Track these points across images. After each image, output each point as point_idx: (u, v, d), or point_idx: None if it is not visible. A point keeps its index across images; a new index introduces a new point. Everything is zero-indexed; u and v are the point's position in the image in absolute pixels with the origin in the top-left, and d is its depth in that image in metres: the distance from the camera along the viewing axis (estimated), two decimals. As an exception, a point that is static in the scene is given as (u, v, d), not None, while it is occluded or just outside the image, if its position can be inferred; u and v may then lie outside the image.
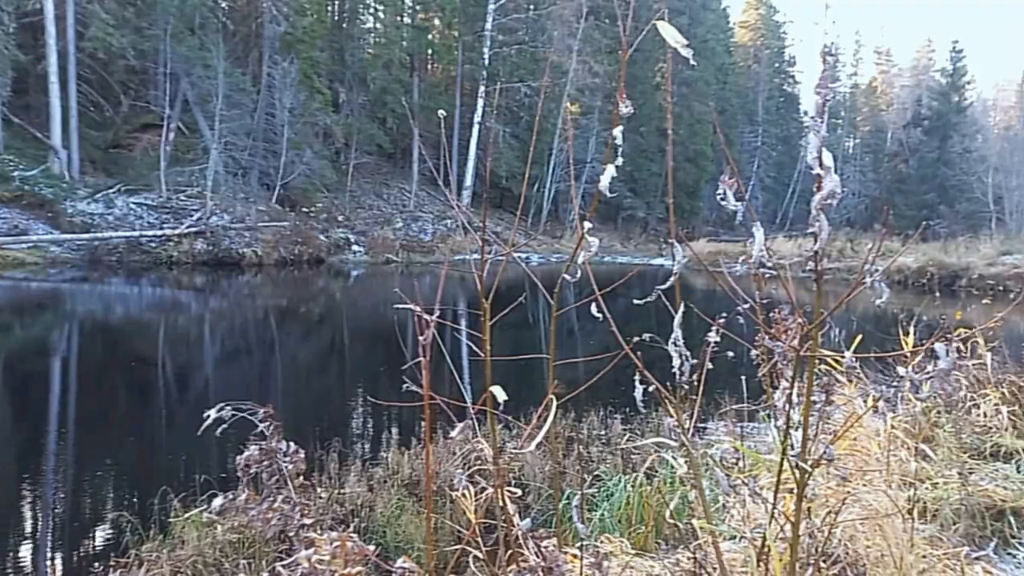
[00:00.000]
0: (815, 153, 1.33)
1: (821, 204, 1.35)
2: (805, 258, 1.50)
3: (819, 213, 1.37)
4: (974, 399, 5.65)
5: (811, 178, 6.04)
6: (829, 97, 1.32)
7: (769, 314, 2.01)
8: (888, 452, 3.67)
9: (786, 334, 1.79)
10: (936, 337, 1.65)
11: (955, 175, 52.68)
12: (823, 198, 1.36)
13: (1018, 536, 3.76)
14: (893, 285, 29.50)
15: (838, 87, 1.56)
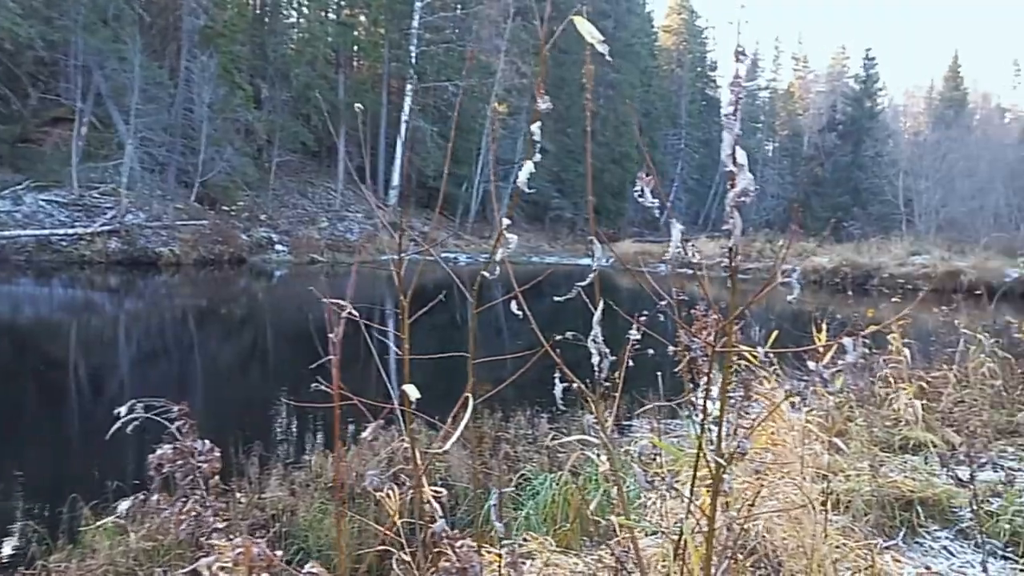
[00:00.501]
0: (728, 150, 1.34)
1: (735, 201, 1.36)
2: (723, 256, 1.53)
3: (733, 210, 1.38)
4: (887, 394, 5.87)
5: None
6: (742, 95, 1.34)
7: (688, 312, 2.03)
8: (803, 446, 3.77)
9: (704, 331, 1.81)
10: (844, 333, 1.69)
11: (868, 178, 54.79)
12: (736, 195, 1.38)
13: (925, 525, 3.92)
14: (809, 284, 30.52)
15: (750, 86, 1.62)
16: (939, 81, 65.18)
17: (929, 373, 6.16)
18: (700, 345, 1.64)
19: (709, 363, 1.63)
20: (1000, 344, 7.12)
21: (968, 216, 42.32)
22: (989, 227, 39.20)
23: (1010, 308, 21.88)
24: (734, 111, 1.33)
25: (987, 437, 5.70)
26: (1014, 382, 6.68)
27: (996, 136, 57.65)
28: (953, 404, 5.92)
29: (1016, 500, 4.13)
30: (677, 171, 57.61)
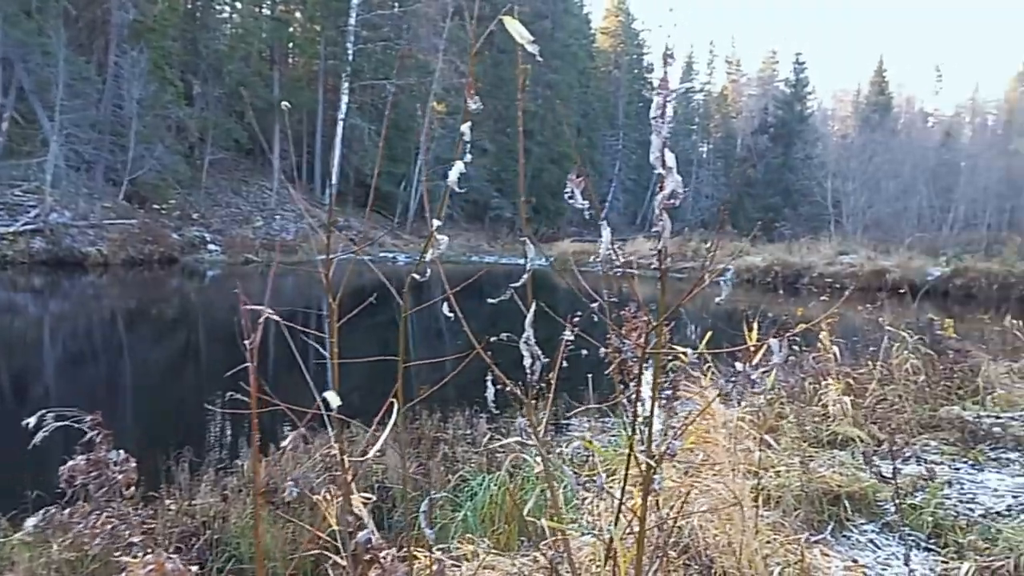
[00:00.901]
0: (657, 153, 1.35)
1: (664, 204, 1.36)
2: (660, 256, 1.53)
3: (662, 212, 1.39)
4: (816, 390, 6.02)
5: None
6: (670, 99, 1.34)
7: (620, 312, 2.04)
8: (735, 443, 3.84)
9: (634, 332, 1.82)
10: (773, 333, 1.72)
11: (798, 180, 56.23)
12: (665, 197, 1.38)
13: (852, 519, 4.03)
14: (743, 283, 31.18)
15: (680, 88, 1.62)
16: (865, 85, 67.34)
17: (856, 370, 6.34)
18: (630, 347, 1.64)
19: (639, 364, 1.63)
20: (923, 341, 7.38)
21: (893, 217, 43.82)
22: (913, 227, 40.68)
23: (932, 306, 22.73)
24: (662, 114, 1.33)
25: (911, 432, 5.89)
26: (936, 378, 6.93)
27: (919, 139, 59.83)
28: (878, 400, 6.11)
29: (939, 493, 4.28)
30: (615, 171, 58.22)
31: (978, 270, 26.30)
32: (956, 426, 5.82)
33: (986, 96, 71.27)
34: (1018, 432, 5.68)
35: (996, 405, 6.65)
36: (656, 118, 1.34)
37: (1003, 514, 4.06)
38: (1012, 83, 65.97)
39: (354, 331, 1.82)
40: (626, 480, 1.62)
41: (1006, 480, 4.73)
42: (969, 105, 70.83)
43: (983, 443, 5.54)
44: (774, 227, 47.10)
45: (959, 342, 8.02)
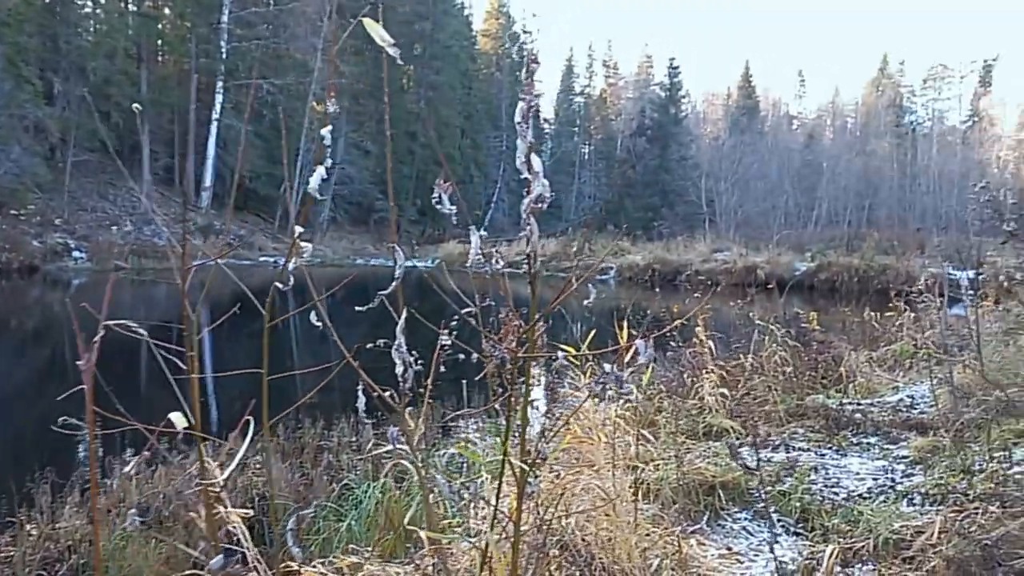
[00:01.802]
0: (523, 158, 1.34)
1: (531, 208, 1.36)
2: (547, 258, 1.53)
3: (529, 217, 1.38)
4: (693, 383, 6.23)
5: (551, 182, 6.23)
6: (533, 103, 1.34)
7: (495, 316, 2.03)
8: (614, 440, 3.92)
9: (508, 336, 1.81)
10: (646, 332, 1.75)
11: (674, 180, 58.17)
12: (532, 201, 1.38)
13: (727, 508, 4.18)
14: (625, 281, 32.01)
15: (540, 94, 1.62)
16: (734, 89, 70.39)
17: (729, 363, 6.59)
18: (502, 351, 1.63)
19: (512, 369, 1.63)
20: (790, 333, 7.77)
21: (762, 215, 45.97)
22: (780, 225, 42.76)
23: (800, 299, 23.98)
24: (524, 119, 1.32)
25: (780, 421, 6.18)
26: (803, 368, 7.31)
27: (785, 141, 62.99)
28: (749, 391, 6.38)
29: (806, 479, 4.50)
30: (500, 172, 58.62)
31: (840, 265, 27.92)
32: (821, 414, 6.14)
33: (845, 100, 75.84)
34: (877, 418, 6.05)
35: (857, 393, 7.06)
36: (520, 123, 1.34)
37: (864, 496, 4.30)
38: (868, 87, 70.47)
39: (238, 338, 1.74)
40: (501, 485, 1.61)
41: (867, 464, 5.03)
42: (830, 108, 75.16)
43: (846, 429, 5.87)
44: (653, 226, 48.59)
45: (823, 334, 8.49)
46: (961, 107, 64.74)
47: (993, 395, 4.69)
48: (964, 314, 10.30)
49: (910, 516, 3.59)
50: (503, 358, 1.67)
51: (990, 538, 2.99)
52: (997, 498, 3.29)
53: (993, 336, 7.17)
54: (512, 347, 1.64)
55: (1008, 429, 4.44)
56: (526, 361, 1.59)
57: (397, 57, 1.41)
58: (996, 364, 6.04)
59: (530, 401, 1.61)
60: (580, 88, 68.83)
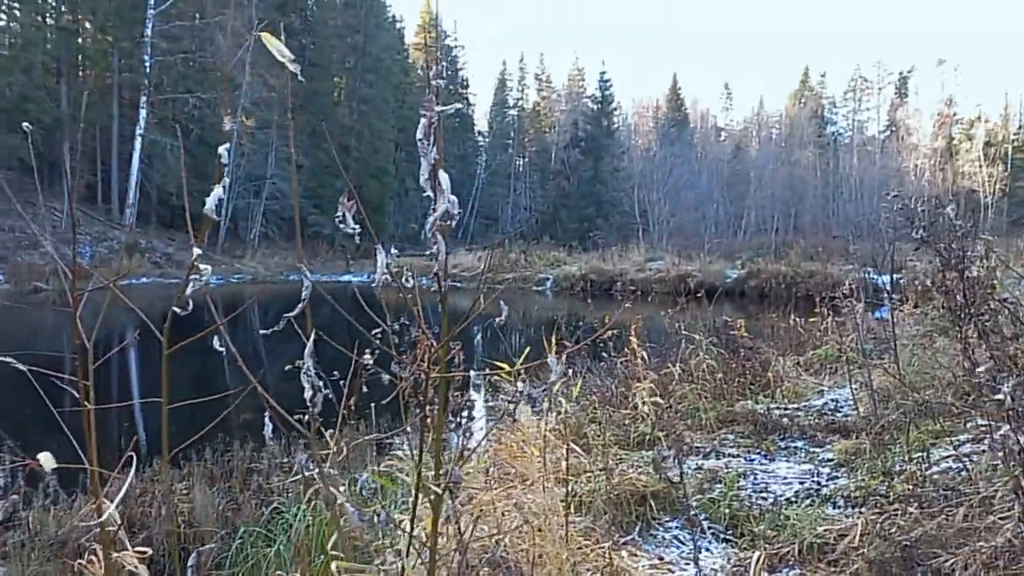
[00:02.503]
0: (426, 175, 1.31)
1: (438, 225, 1.33)
2: (480, 272, 1.50)
3: (435, 234, 1.35)
4: (626, 393, 6.27)
5: (487, 195, 6.31)
6: (434, 119, 1.31)
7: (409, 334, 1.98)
8: (544, 453, 3.90)
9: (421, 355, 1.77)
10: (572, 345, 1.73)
11: (608, 191, 58.91)
12: (438, 219, 1.34)
13: (658, 517, 4.20)
14: (563, 291, 32.21)
15: (447, 109, 1.57)
16: (664, 101, 71.72)
17: (660, 371, 6.65)
18: (412, 371, 1.59)
19: (425, 389, 1.59)
20: (719, 340, 7.89)
21: (694, 224, 46.83)
22: (711, 234, 43.65)
23: (732, 306, 24.49)
24: (426, 136, 1.29)
25: (710, 427, 6.27)
26: (732, 375, 7.42)
27: (713, 152, 64.47)
28: (680, 399, 6.45)
29: (735, 485, 4.55)
30: (434, 186, 58.43)
31: (769, 271, 28.63)
32: (750, 419, 6.24)
33: (770, 111, 77.95)
34: (803, 422, 6.17)
35: (785, 397, 7.21)
36: (422, 140, 1.31)
37: (791, 500, 4.37)
38: (791, 99, 72.58)
39: (172, 359, 1.66)
40: (415, 510, 1.57)
41: (794, 468, 5.12)
42: (755, 120, 77.16)
43: (774, 434, 5.98)
44: (588, 236, 49.05)
45: (751, 340, 8.65)
46: (879, 118, 67.25)
47: (910, 398, 4.83)
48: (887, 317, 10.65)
49: (834, 519, 3.66)
50: (416, 378, 1.63)
51: (909, 539, 3.06)
52: (915, 499, 3.37)
53: (911, 339, 7.40)
54: (424, 367, 1.61)
55: (926, 430, 4.58)
56: (440, 381, 1.55)
57: (298, 73, 1.36)
58: (914, 367, 6.23)
59: (458, 420, 1.57)
60: (513, 101, 69.24)
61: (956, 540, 2.95)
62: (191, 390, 5.35)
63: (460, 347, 1.78)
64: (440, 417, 1.52)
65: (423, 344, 1.77)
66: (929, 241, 3.76)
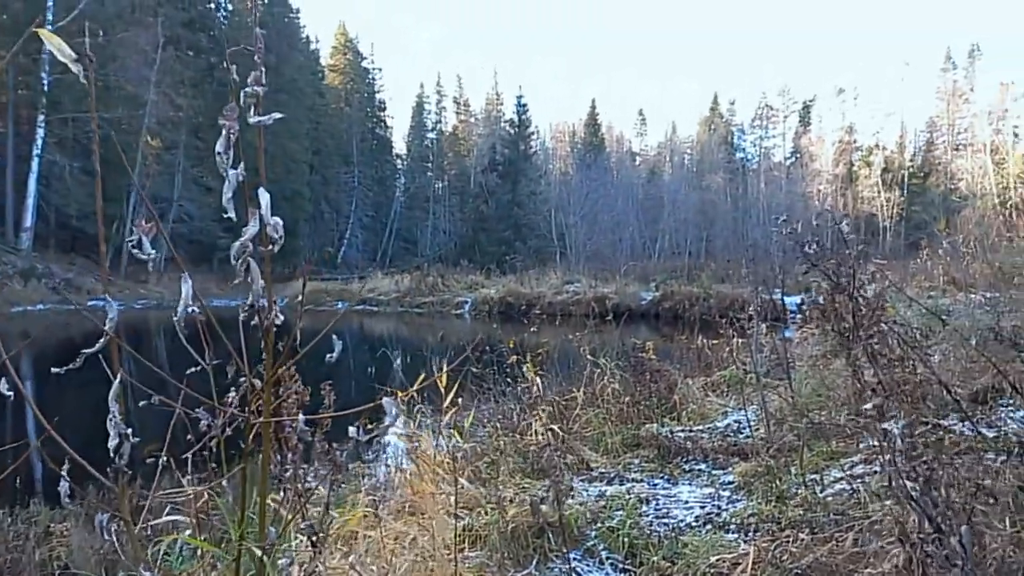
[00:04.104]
0: (229, 194, 1.14)
1: (242, 249, 1.16)
2: (402, 293, 1.34)
3: (244, 260, 1.18)
4: (525, 420, 6.14)
5: (405, 218, 6.06)
6: (234, 133, 1.15)
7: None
8: (436, 488, 3.74)
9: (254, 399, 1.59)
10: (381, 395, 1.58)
11: (526, 215, 59.30)
12: (246, 241, 1.18)
13: (556, 549, 4.07)
14: (481, 315, 32.08)
15: (263, 120, 1.48)
16: (580, 127, 72.88)
17: (564, 396, 6.56)
18: (215, 420, 1.42)
19: (254, 434, 1.41)
20: (627, 363, 7.86)
21: (610, 247, 47.49)
22: (627, 257, 44.33)
23: (647, 327, 24.81)
24: (225, 150, 1.13)
25: (616, 452, 6.19)
26: (638, 398, 7.39)
27: (629, 176, 65.65)
28: (585, 423, 6.36)
29: (634, 513, 4.46)
30: (352, 209, 57.79)
31: (682, 293, 29.16)
32: (655, 443, 6.19)
33: (682, 136, 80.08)
34: (706, 444, 6.15)
35: (690, 420, 7.20)
36: (221, 154, 1.14)
37: (691, 526, 4.30)
38: (702, 125, 74.79)
39: (65, 390, 1.42)
40: (238, 572, 1.38)
41: (696, 492, 5.07)
42: (668, 145, 79.11)
43: (678, 457, 5.94)
44: (506, 260, 49.17)
45: (659, 362, 8.67)
46: (785, 144, 69.82)
47: (803, 420, 4.85)
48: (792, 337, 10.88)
49: (730, 546, 3.59)
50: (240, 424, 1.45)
51: (800, 566, 3.00)
52: (807, 524, 3.33)
53: (810, 360, 7.52)
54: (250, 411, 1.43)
55: (819, 452, 4.59)
56: (263, 428, 1.37)
57: (80, 75, 1.18)
58: (810, 388, 6.31)
59: (271, 472, 1.39)
60: (432, 124, 69.20)
61: (846, 566, 2.91)
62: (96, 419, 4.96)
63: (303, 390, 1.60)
64: (264, 469, 1.34)
65: (250, 387, 1.59)
66: (818, 264, 3.76)
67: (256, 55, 1.26)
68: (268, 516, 1.43)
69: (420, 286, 38.88)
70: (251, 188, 1.53)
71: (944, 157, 58.41)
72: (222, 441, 1.45)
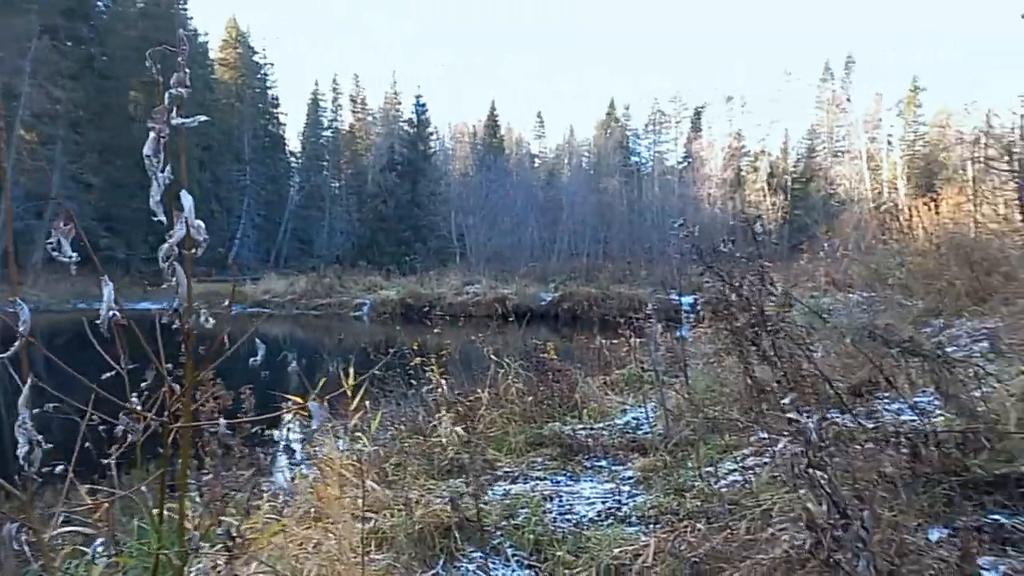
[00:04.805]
0: (157, 196, 1.14)
1: (169, 252, 1.16)
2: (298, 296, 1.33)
3: (171, 264, 1.18)
4: (430, 422, 6.16)
5: (300, 217, 5.97)
6: (164, 135, 1.14)
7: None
8: (342, 491, 3.72)
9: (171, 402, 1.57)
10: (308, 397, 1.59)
11: (426, 215, 59.02)
12: (174, 244, 1.17)
13: (463, 548, 4.11)
14: (380, 316, 31.75)
15: (189, 122, 1.45)
16: (480, 128, 73.10)
17: (468, 397, 6.62)
18: (132, 423, 1.40)
19: (170, 439, 1.40)
20: (529, 363, 7.99)
21: (510, 248, 47.86)
22: (527, 258, 44.78)
23: (547, 328, 25.14)
24: (155, 152, 1.13)
25: (520, 451, 6.29)
26: (541, 397, 7.52)
27: (528, 178, 66.30)
28: (488, 424, 6.43)
29: (539, 510, 4.56)
30: (244, 208, 56.12)
31: (581, 294, 29.73)
32: (558, 441, 6.32)
33: (580, 140, 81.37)
34: (607, 441, 6.33)
35: (591, 418, 7.38)
36: (150, 156, 1.14)
37: (594, 520, 4.43)
38: (599, 129, 76.24)
39: None
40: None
41: (597, 488, 5.21)
42: (566, 148, 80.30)
43: (580, 454, 6.08)
44: (406, 261, 48.84)
45: (561, 362, 8.84)
46: (678, 149, 72.04)
47: (699, 415, 5.07)
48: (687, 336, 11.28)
49: (631, 539, 3.72)
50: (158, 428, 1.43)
51: (698, 555, 3.15)
52: (703, 515, 3.50)
53: (704, 358, 7.83)
54: (167, 415, 1.42)
55: (714, 445, 4.81)
56: (181, 433, 1.37)
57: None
58: (704, 384, 6.58)
59: (188, 477, 1.38)
60: (327, 122, 67.91)
61: (740, 553, 3.07)
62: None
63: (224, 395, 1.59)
64: (184, 475, 1.33)
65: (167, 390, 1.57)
66: (712, 266, 3.94)
67: (180, 56, 1.25)
68: (172, 522, 1.43)
69: (317, 288, 38.18)
70: (136, 185, 1.47)
71: (824, 163, 61.56)
72: (140, 447, 1.43)
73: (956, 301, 8.02)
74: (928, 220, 14.21)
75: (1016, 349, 5.12)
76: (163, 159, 1.18)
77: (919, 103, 59.21)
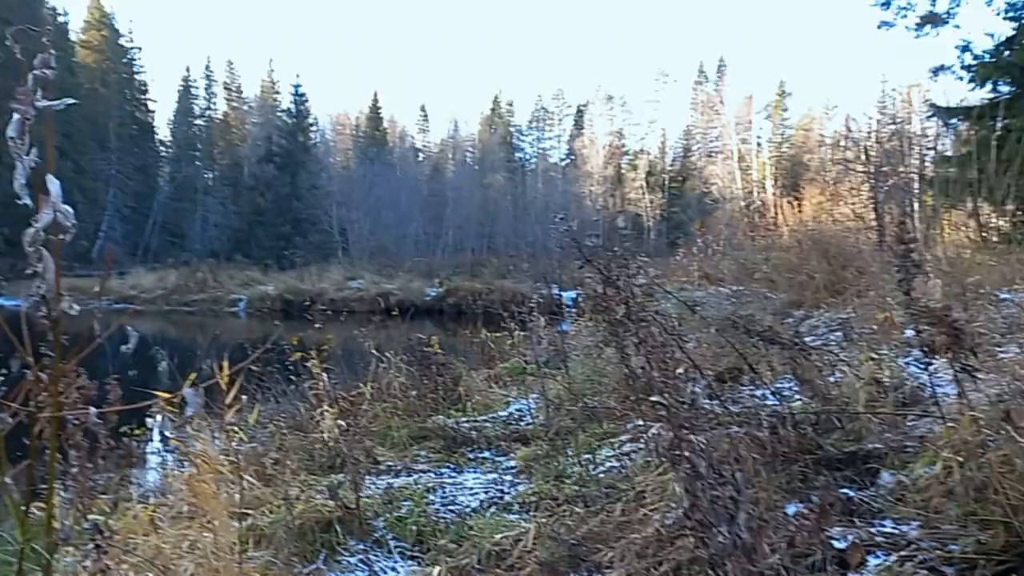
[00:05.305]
0: (22, 180, 1.11)
1: (35, 238, 1.12)
2: (168, 291, 1.29)
3: (38, 250, 1.15)
4: (312, 416, 6.08)
5: (171, 209, 5.76)
6: (29, 116, 1.11)
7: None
8: (220, 489, 3.63)
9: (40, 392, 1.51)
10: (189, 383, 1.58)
11: (306, 208, 57.69)
12: (40, 229, 1.14)
13: (344, 542, 4.09)
14: (257, 313, 30.86)
15: (56, 105, 1.39)
16: (363, 120, 72.00)
17: (351, 392, 6.57)
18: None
19: (48, 430, 1.35)
20: (413, 358, 8.00)
21: (394, 243, 47.52)
22: (412, 252, 44.54)
23: (432, 323, 25.12)
24: (20, 135, 1.10)
25: (403, 444, 6.30)
26: (425, 391, 7.55)
27: (412, 172, 65.92)
28: (372, 418, 6.41)
29: (422, 501, 4.59)
30: (110, 198, 53.25)
31: (466, 289, 29.83)
32: (441, 434, 6.36)
33: (464, 135, 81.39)
34: (490, 433, 6.42)
35: (475, 410, 7.46)
36: (14, 139, 1.11)
37: (476, 510, 4.50)
38: (483, 124, 76.53)
39: None
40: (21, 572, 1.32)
41: (480, 478, 5.29)
42: (451, 142, 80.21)
43: (463, 447, 6.15)
44: (285, 255, 47.67)
45: (445, 356, 8.88)
46: (561, 146, 73.32)
47: (578, 404, 5.24)
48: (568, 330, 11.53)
49: (512, 525, 3.81)
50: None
51: (575, 537, 3.27)
52: (581, 499, 3.62)
53: (584, 349, 8.05)
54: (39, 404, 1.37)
55: (593, 433, 4.98)
56: (51, 423, 1.33)
57: None
58: (583, 375, 6.78)
59: (56, 473, 1.35)
60: (200, 110, 65.22)
61: (615, 534, 3.20)
62: None
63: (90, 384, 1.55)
64: (52, 467, 1.30)
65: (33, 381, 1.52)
66: (591, 260, 4.07)
67: (43, 36, 1.22)
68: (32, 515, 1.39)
69: (189, 283, 36.75)
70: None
71: (699, 163, 64.15)
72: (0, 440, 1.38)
73: (815, 294, 8.58)
74: (792, 218, 15.10)
75: (865, 337, 5.54)
76: (28, 142, 1.14)
77: (785, 107, 62.67)
